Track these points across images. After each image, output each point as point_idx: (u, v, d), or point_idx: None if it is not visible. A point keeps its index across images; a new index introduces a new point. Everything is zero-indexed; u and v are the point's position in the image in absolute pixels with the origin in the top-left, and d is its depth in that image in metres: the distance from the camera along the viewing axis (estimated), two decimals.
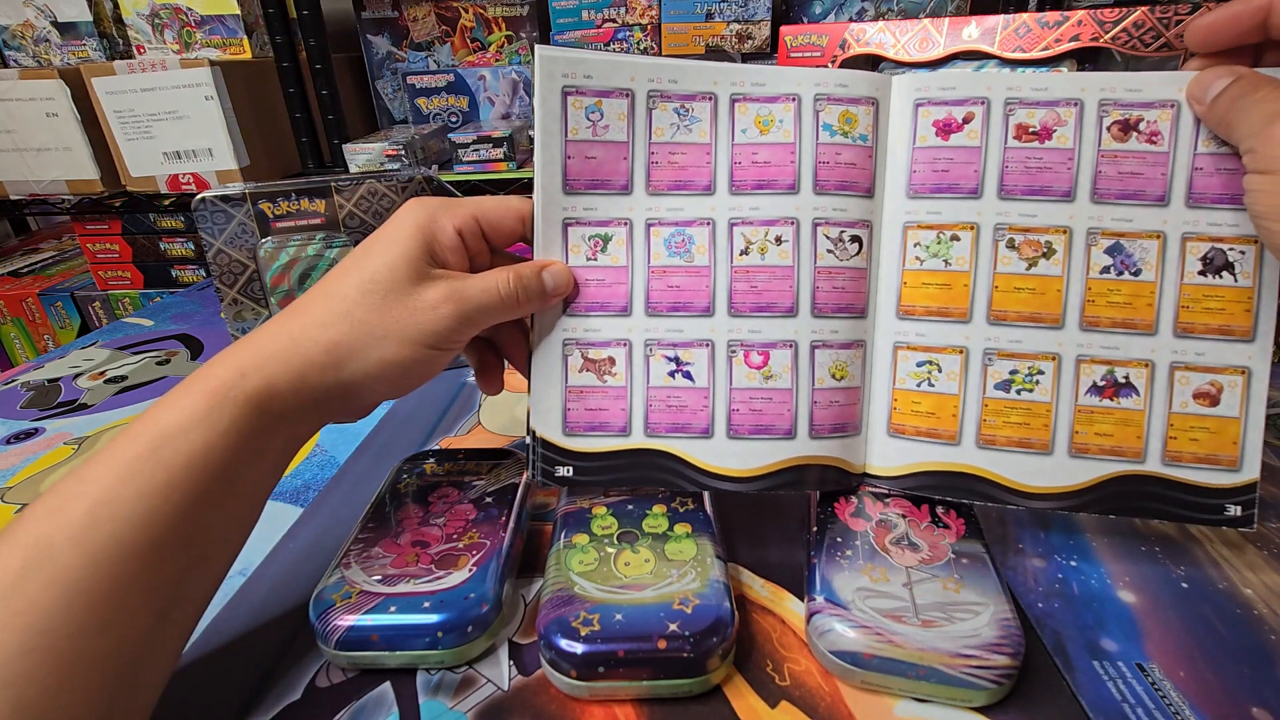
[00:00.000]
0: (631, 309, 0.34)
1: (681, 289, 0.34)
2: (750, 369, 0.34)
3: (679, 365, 0.34)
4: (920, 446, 0.34)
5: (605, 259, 0.34)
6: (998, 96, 0.32)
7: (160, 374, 0.61)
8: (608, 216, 0.33)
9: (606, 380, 0.34)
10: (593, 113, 0.32)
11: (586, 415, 0.34)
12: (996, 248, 0.32)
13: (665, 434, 0.34)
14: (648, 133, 0.33)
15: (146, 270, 1.16)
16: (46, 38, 1.06)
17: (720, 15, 1.04)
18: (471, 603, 0.30)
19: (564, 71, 0.32)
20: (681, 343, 0.34)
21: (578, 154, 0.33)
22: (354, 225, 0.51)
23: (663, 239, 0.33)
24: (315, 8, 0.99)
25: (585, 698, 0.28)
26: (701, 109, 0.33)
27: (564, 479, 0.34)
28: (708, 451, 0.34)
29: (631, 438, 0.34)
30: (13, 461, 0.48)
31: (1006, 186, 0.32)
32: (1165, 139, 0.31)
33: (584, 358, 0.34)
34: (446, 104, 1.16)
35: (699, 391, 0.34)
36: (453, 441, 0.49)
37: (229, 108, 0.97)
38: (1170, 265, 0.32)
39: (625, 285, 0.34)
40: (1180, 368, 0.32)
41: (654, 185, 0.33)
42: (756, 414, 0.34)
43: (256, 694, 0.29)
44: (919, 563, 0.31)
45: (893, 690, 0.28)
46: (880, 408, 0.34)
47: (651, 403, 0.34)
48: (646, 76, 0.32)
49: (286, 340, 0.29)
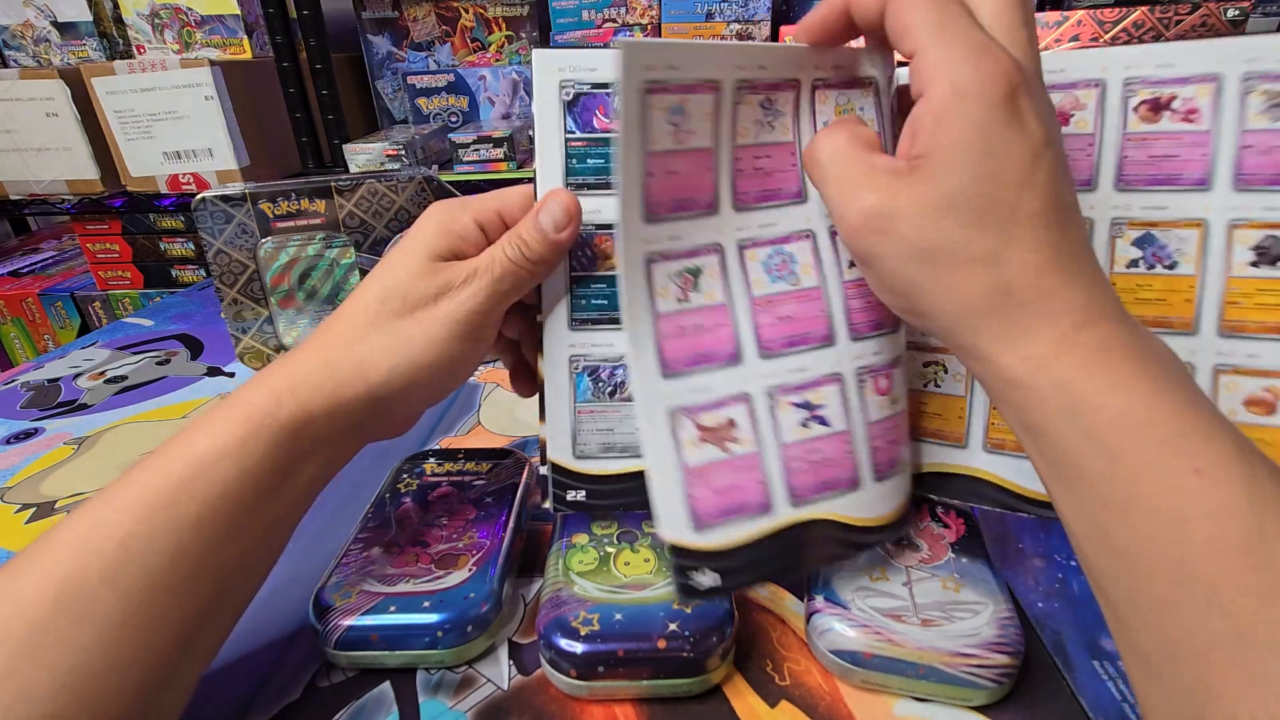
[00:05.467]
0: (742, 354, 0.28)
1: (795, 319, 0.28)
2: (880, 396, 0.29)
3: (811, 410, 0.28)
4: (931, 448, 0.33)
5: (699, 297, 0.27)
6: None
7: (160, 374, 0.61)
8: (695, 244, 0.27)
9: (731, 450, 0.27)
10: (675, 114, 0.25)
11: (717, 501, 0.27)
12: None
13: (814, 497, 0.28)
14: (732, 135, 0.27)
15: (146, 270, 1.16)
16: (46, 38, 1.06)
17: (720, 15, 1.04)
18: (471, 602, 0.30)
19: (648, 64, 0.24)
20: (809, 383, 0.28)
21: (659, 170, 0.26)
22: (354, 225, 0.51)
23: (760, 262, 0.28)
24: (315, 8, 0.99)
25: (585, 697, 0.28)
26: (785, 100, 0.27)
27: (712, 590, 0.27)
28: (860, 505, 0.29)
29: (775, 514, 0.28)
30: (13, 461, 0.48)
31: None
32: (1204, 116, 0.28)
33: (699, 426, 0.27)
34: (446, 104, 1.16)
35: (839, 437, 0.28)
36: (453, 441, 0.49)
37: (229, 108, 0.97)
38: (1214, 256, 0.28)
39: (729, 326, 0.28)
40: (1228, 371, 0.29)
41: (741, 199, 0.28)
42: (892, 445, 0.30)
43: (256, 694, 0.29)
44: (919, 562, 0.31)
45: (892, 689, 0.28)
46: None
47: (790, 464, 0.28)
48: (735, 63, 0.26)
49: (319, 362, 0.28)
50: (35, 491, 0.45)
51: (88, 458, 0.49)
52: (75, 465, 0.48)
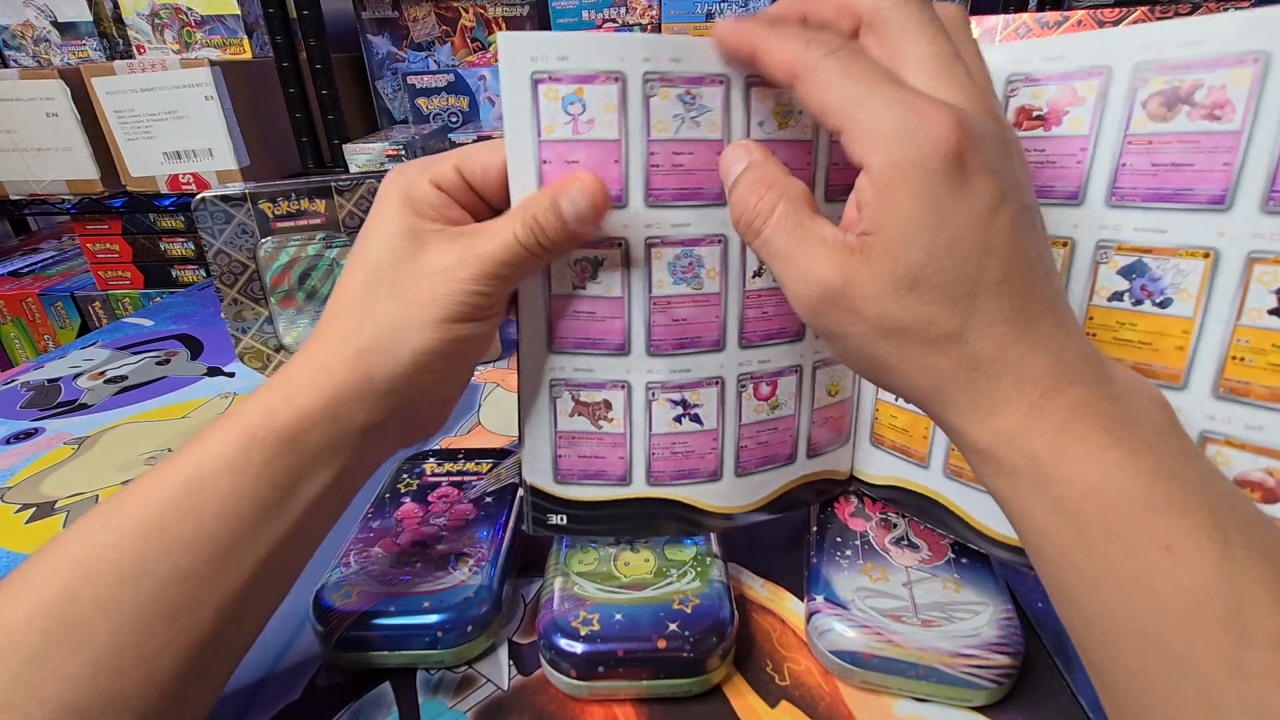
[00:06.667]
0: (630, 348, 0.29)
1: (689, 322, 0.29)
2: (759, 401, 0.31)
3: (686, 409, 0.30)
4: (895, 461, 0.33)
5: (596, 288, 0.28)
6: (1000, 73, 0.26)
7: (160, 374, 0.61)
8: (596, 236, 0.27)
9: (602, 427, 0.30)
10: (572, 104, 0.25)
11: (580, 463, 0.30)
12: None
13: (670, 482, 0.31)
14: (645, 128, 0.26)
15: (146, 270, 1.16)
16: (46, 38, 1.06)
17: (720, 15, 1.04)
18: (471, 602, 0.30)
19: (532, 54, 0.25)
20: (689, 384, 0.29)
21: (555, 158, 0.26)
22: (354, 225, 0.51)
23: (666, 261, 0.28)
24: (315, 8, 0.99)
25: (585, 697, 0.28)
26: (711, 95, 0.26)
27: (557, 527, 0.31)
28: (714, 494, 0.31)
29: (632, 487, 0.31)
30: (13, 461, 0.48)
31: None
32: (1237, 111, 0.21)
33: (575, 401, 0.30)
34: (446, 104, 1.16)
35: (708, 434, 0.30)
36: (453, 441, 0.49)
37: (229, 108, 0.97)
38: (1221, 296, 0.22)
39: (621, 320, 0.28)
40: (1218, 441, 0.23)
41: (655, 195, 0.27)
42: (763, 446, 0.31)
43: (256, 694, 0.29)
44: (919, 562, 0.31)
45: (892, 690, 0.28)
46: (865, 416, 0.34)
47: (655, 450, 0.30)
48: (641, 55, 0.25)
49: (312, 364, 0.26)
50: (35, 491, 0.45)
51: (88, 458, 0.49)
52: (75, 465, 0.48)
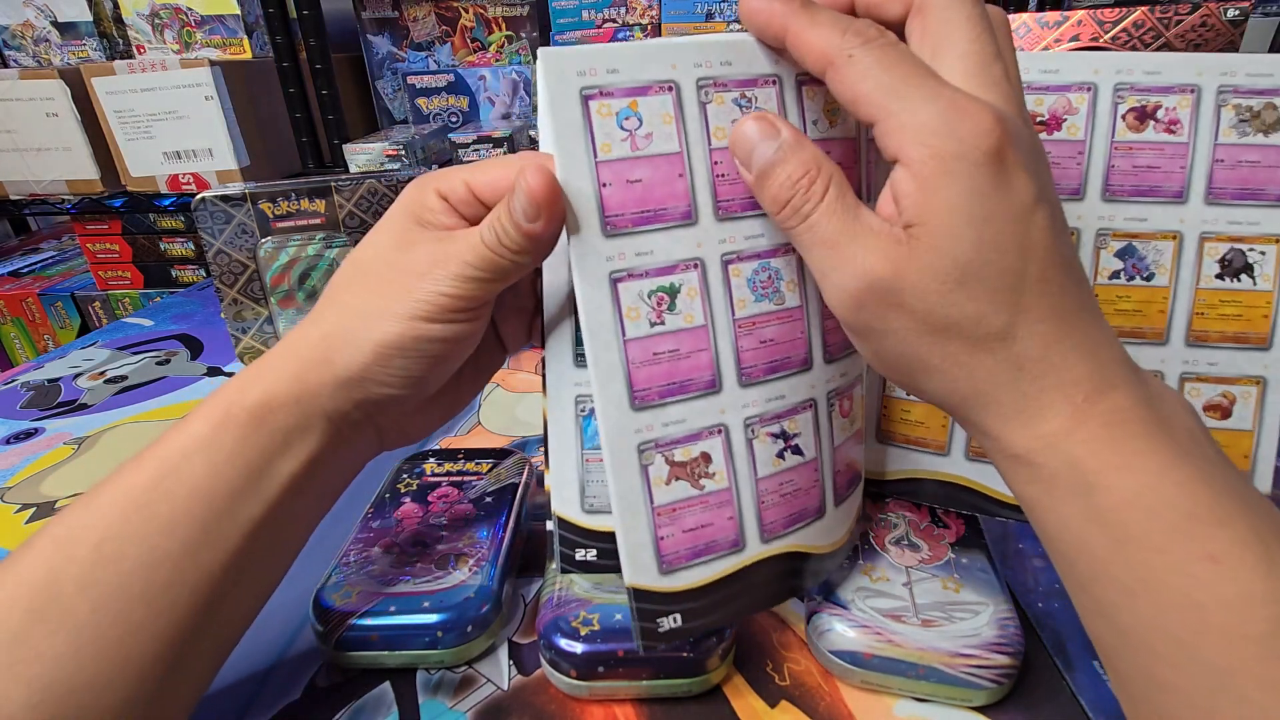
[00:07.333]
0: (720, 382, 0.25)
1: (777, 342, 0.26)
2: (843, 419, 0.28)
3: (787, 441, 0.26)
4: (911, 454, 0.33)
5: (676, 319, 0.25)
6: None
7: (160, 374, 0.61)
8: (671, 260, 0.24)
9: (704, 486, 0.25)
10: (628, 119, 0.23)
11: (687, 540, 0.25)
12: None
13: (784, 531, 0.27)
14: (705, 137, 0.24)
15: (146, 270, 1.16)
16: (46, 38, 1.06)
17: (720, 15, 1.04)
18: (471, 603, 0.30)
19: (579, 69, 0.23)
20: (785, 411, 0.26)
21: (615, 179, 0.23)
22: (354, 225, 0.51)
23: (745, 278, 0.25)
24: (315, 8, 0.99)
25: (585, 697, 0.28)
26: (767, 97, 0.24)
27: (672, 633, 0.25)
28: (822, 533, 0.28)
29: (746, 551, 0.26)
30: (13, 461, 0.48)
31: None
32: (1185, 128, 0.29)
33: (670, 463, 0.25)
34: (446, 104, 1.16)
35: (809, 466, 0.27)
36: (453, 441, 0.49)
37: (229, 108, 0.97)
38: (1186, 268, 0.30)
39: (709, 351, 0.25)
40: (1191, 379, 0.30)
41: (724, 207, 0.24)
42: (849, 467, 0.29)
43: (256, 694, 0.29)
44: (919, 562, 0.31)
45: (892, 690, 0.28)
46: (870, 415, 0.34)
47: (763, 498, 0.26)
48: (692, 61, 0.24)
49: (283, 347, 0.27)
50: (35, 491, 0.45)
51: (88, 458, 0.49)
52: (75, 465, 0.48)
